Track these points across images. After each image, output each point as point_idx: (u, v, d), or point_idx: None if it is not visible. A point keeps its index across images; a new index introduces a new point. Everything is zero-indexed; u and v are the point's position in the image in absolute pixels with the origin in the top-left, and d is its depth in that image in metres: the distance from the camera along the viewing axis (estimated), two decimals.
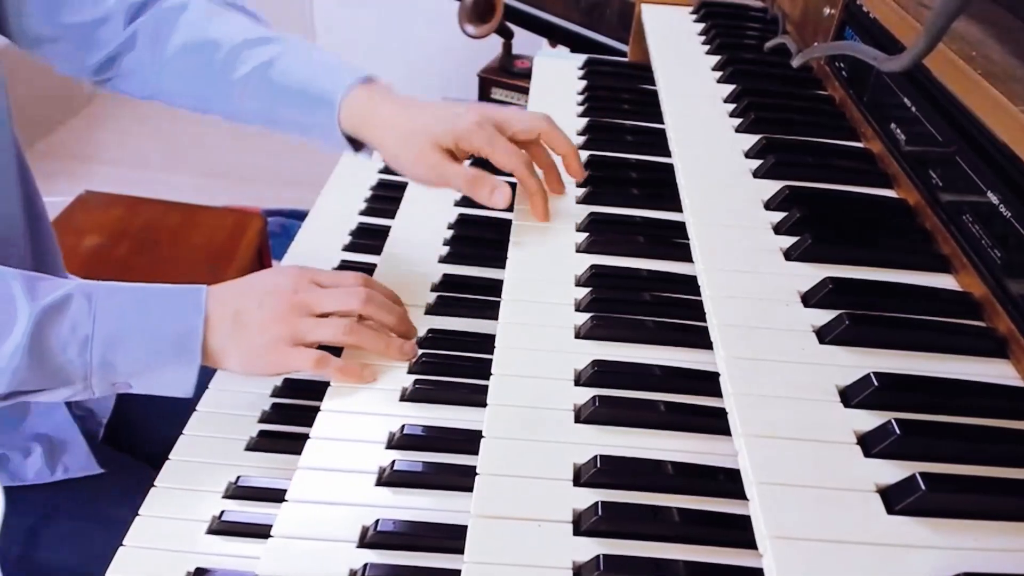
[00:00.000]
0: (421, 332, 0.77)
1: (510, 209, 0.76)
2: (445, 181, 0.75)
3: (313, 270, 0.72)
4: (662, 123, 0.84)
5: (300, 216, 1.80)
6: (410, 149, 0.75)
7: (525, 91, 1.79)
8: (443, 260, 0.86)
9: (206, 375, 0.83)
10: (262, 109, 0.80)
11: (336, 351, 0.70)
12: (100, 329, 0.62)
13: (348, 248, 1.01)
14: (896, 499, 0.44)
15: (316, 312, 0.69)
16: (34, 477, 0.83)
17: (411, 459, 0.63)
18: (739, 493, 0.47)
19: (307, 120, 0.79)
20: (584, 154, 0.85)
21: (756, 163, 0.74)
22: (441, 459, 0.63)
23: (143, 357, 0.64)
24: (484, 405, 0.58)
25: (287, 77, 0.78)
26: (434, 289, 0.84)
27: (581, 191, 0.80)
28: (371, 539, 0.58)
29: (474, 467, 0.53)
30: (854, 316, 0.55)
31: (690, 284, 0.65)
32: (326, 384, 0.69)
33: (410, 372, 0.70)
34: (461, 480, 0.59)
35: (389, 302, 0.73)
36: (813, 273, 0.61)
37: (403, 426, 0.65)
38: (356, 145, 0.80)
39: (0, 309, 0.61)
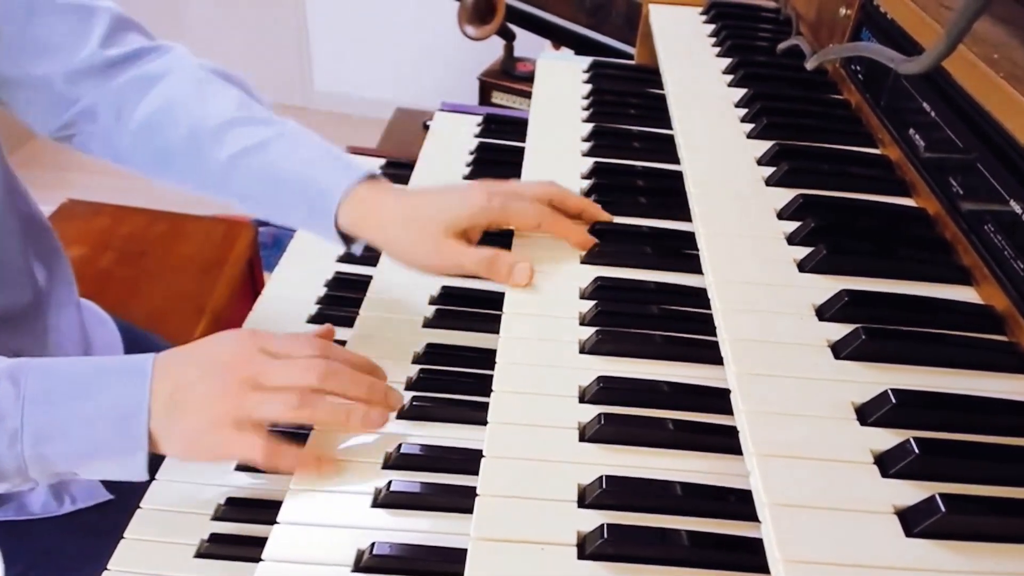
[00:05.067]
0: (419, 347, 0.77)
1: None
2: (461, 268, 0.73)
3: (263, 335, 0.65)
4: (670, 128, 0.85)
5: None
6: (421, 242, 0.73)
7: (527, 95, 1.79)
8: None
9: None
10: (248, 195, 0.78)
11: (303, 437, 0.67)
12: (30, 420, 0.58)
13: (342, 259, 1.01)
14: (915, 521, 0.44)
15: (266, 386, 0.62)
16: (41, 510, 0.82)
17: (408, 479, 0.63)
18: (751, 515, 0.47)
19: (298, 213, 0.77)
20: (589, 161, 0.86)
21: (769, 170, 0.75)
22: (440, 479, 0.64)
23: (80, 448, 0.60)
24: (484, 423, 0.58)
25: (281, 166, 0.76)
26: (432, 302, 0.84)
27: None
28: (367, 563, 0.58)
29: (474, 488, 0.53)
30: (871, 330, 0.55)
31: (700, 297, 0.65)
32: None
33: (408, 388, 0.71)
34: (461, 501, 0.60)
35: (353, 372, 0.66)
36: (828, 285, 0.61)
37: (400, 445, 0.65)
38: (347, 240, 0.78)
39: None
